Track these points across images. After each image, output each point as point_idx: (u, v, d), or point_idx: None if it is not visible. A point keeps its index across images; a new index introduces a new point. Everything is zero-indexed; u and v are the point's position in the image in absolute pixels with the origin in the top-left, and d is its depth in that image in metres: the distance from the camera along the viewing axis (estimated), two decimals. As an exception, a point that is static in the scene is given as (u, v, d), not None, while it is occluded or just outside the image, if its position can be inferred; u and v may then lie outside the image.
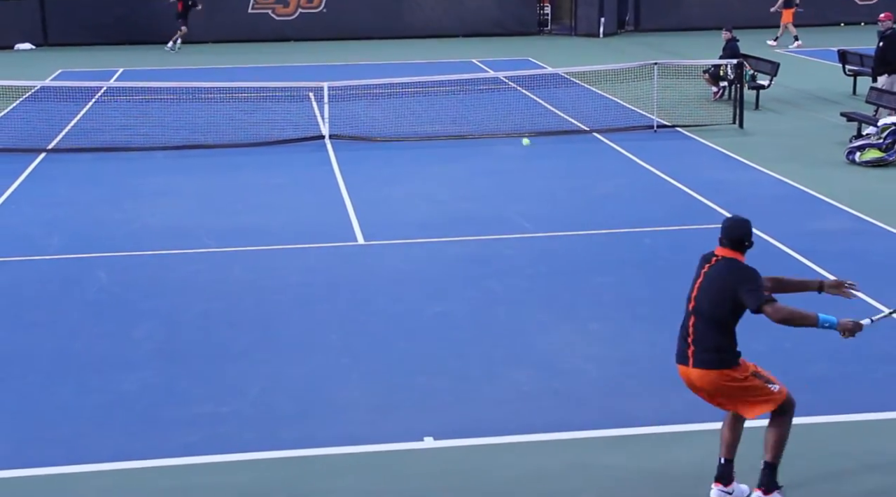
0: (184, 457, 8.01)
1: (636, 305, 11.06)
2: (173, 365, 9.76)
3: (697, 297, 7.07)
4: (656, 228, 13.75)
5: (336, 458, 7.98)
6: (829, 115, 21.09)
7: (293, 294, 11.58)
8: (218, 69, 29.09)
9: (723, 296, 6.99)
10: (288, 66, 29.54)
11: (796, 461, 7.77)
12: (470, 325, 10.58)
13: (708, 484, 7.46)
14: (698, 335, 7.03)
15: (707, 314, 7.01)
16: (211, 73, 27.75)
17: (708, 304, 7.02)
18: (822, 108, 22.06)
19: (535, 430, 8.33)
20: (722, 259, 7.18)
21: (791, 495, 7.34)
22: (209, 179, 16.90)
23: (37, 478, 7.76)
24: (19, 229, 14.22)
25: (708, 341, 7.01)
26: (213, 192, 16.07)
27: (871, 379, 9.24)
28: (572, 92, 23.75)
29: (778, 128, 20.33)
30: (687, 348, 7.07)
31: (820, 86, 24.75)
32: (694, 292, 7.12)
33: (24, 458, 8.03)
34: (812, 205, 14.87)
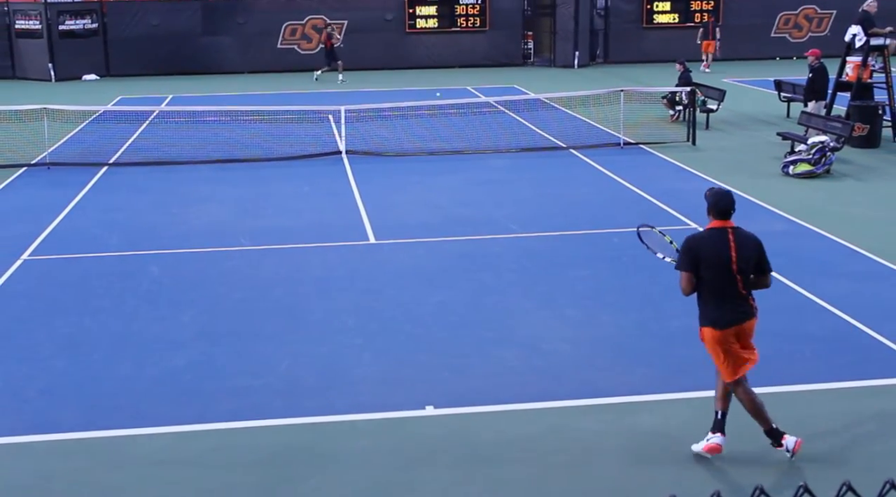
0: (224, 422, 8.03)
1: (605, 294, 11.07)
2: (214, 345, 9.76)
3: (738, 260, 7.09)
4: (623, 230, 13.74)
5: (351, 423, 7.99)
6: (767, 134, 21.08)
7: (315, 285, 11.58)
8: (252, 95, 29.06)
9: (755, 256, 7.16)
10: (310, 93, 29.51)
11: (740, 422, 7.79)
12: (465, 311, 10.58)
13: (667, 444, 7.46)
14: (749, 290, 7.14)
15: (747, 272, 7.13)
16: (246, 99, 27.72)
17: (747, 264, 7.11)
18: (762, 129, 22.05)
19: (520, 400, 8.34)
20: (737, 228, 7.27)
21: (733, 452, 7.34)
22: (244, 188, 16.88)
23: (103, 439, 7.77)
24: (86, 231, 14.22)
25: (751, 293, 7.17)
26: (248, 199, 16.06)
27: (801, 355, 9.24)
28: (552, 114, 23.73)
29: (725, 145, 20.32)
30: (747, 305, 7.14)
31: (759, 110, 24.74)
32: (734, 257, 7.09)
33: (92, 422, 8.04)
34: (753, 210, 14.86)
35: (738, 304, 7.14)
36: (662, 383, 8.65)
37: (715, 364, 7.30)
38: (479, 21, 36.52)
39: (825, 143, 17.12)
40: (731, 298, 7.13)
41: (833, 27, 36.79)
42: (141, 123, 22.88)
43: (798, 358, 9.20)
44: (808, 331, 9.85)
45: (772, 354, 9.25)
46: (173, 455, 7.50)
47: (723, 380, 7.28)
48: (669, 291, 11.07)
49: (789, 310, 10.46)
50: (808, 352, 9.34)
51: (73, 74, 33.97)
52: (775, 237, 13.25)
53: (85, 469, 7.31)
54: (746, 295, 7.15)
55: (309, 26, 35.88)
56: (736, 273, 7.08)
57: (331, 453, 7.51)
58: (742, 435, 7.59)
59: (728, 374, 7.18)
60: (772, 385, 8.55)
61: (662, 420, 7.94)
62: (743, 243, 7.14)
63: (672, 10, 37.03)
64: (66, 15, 33.68)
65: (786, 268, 11.75)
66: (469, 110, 24.10)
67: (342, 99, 24.85)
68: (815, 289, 11.00)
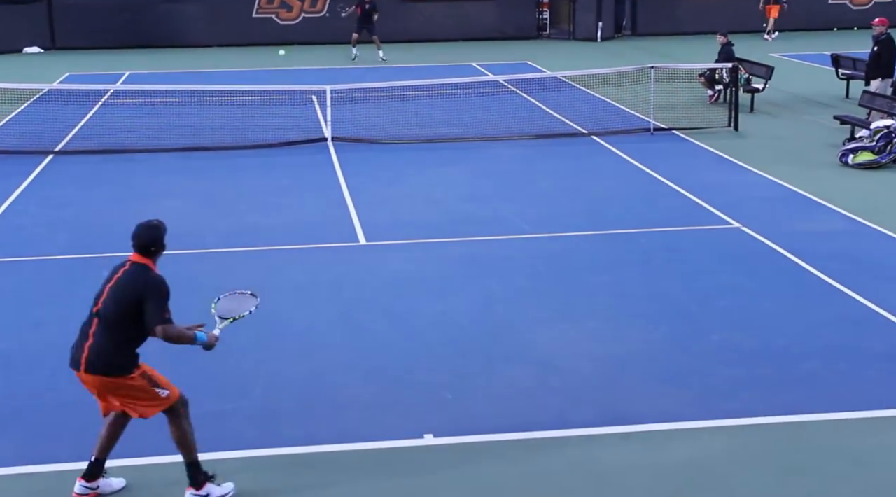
0: (188, 453, 8.00)
1: (632, 304, 11.07)
2: (177, 363, 9.73)
3: (105, 301, 7.03)
4: (652, 229, 13.76)
5: (337, 455, 7.99)
6: (822, 118, 21.10)
7: (296, 294, 11.58)
8: (222, 72, 29.09)
9: (127, 303, 6.98)
10: (291, 70, 29.54)
11: (789, 456, 7.78)
12: (469, 324, 10.59)
13: (703, 481, 7.47)
14: (97, 338, 6.99)
15: (111, 319, 6.99)
16: (215, 76, 27.74)
17: (114, 308, 6.99)
18: (816, 111, 22.07)
19: (533, 428, 8.33)
20: (133, 265, 7.18)
21: (782, 491, 7.35)
22: (213, 181, 16.90)
23: (43, 474, 7.76)
24: (27, 229, 14.22)
25: (107, 345, 6.99)
26: (217, 194, 16.07)
27: (862, 376, 9.23)
28: (570, 95, 23.76)
29: (772, 130, 20.34)
30: (82, 352, 7.01)
31: (813, 89, 24.76)
32: (103, 296, 7.07)
33: (30, 456, 8.02)
34: (806, 206, 14.87)
35: (79, 343, 7.11)
36: (699, 408, 8.65)
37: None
38: (486, -14, 36.56)
39: (891, 128, 17.13)
40: (81, 333, 7.15)
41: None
42: (92, 105, 22.90)
43: (859, 379, 9.18)
44: (871, 347, 9.84)
45: (828, 374, 9.27)
46: (128, 494, 7.48)
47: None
48: (707, 301, 11.10)
49: (849, 322, 10.46)
50: (872, 372, 9.32)
51: (13, 47, 34.02)
52: (831, 237, 13.30)
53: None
54: (87, 347, 7.02)
55: (289, -8, 35.93)
56: (94, 314, 7.08)
57: (313, 489, 7.50)
58: (789, 469, 7.58)
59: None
60: (828, 411, 8.54)
61: (699, 451, 7.93)
62: (118, 288, 7.07)
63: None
64: (5, -22, 33.74)
65: (845, 274, 11.76)
66: (474, 90, 24.11)
67: (328, 77, 24.88)
68: (879, 298, 10.99)
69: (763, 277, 11.86)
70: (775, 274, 11.98)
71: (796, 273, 11.96)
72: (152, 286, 7.06)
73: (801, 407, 8.62)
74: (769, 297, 11.22)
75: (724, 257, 12.59)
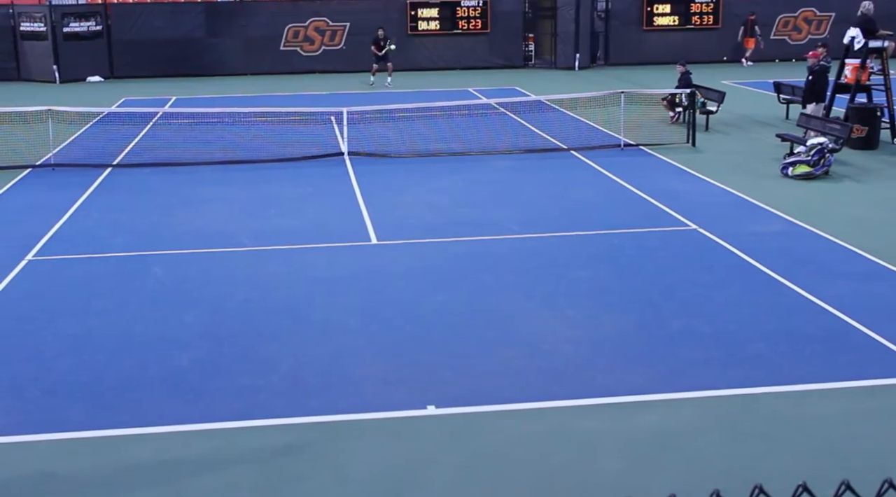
0: (227, 421, 8.01)
1: (606, 295, 11.06)
2: (218, 345, 9.76)
3: None
4: (623, 231, 13.75)
5: (353, 423, 7.98)
6: (766, 136, 21.08)
7: (317, 285, 11.57)
8: (254, 97, 29.06)
9: None
10: (313, 95, 29.52)
11: (740, 423, 7.78)
12: (466, 312, 10.58)
13: (668, 444, 7.47)
14: None
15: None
16: (248, 100, 27.72)
17: None
18: (761, 130, 22.05)
19: (522, 400, 8.33)
20: None
21: (734, 453, 7.35)
22: (247, 189, 16.88)
23: (106, 438, 7.77)
24: (90, 231, 14.22)
25: None
26: (250, 200, 16.06)
27: (799, 355, 9.23)
28: (552, 116, 23.73)
29: (724, 146, 20.32)
30: None
31: (759, 111, 24.74)
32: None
33: (95, 421, 8.03)
34: (752, 211, 14.87)
35: None
36: (663, 383, 8.65)
37: None
38: (480, 23, 36.52)
39: (824, 145, 17.12)
40: None
41: (832, 30, 36.79)
42: (145, 125, 22.89)
43: (797, 358, 9.18)
44: (806, 331, 9.83)
45: (771, 354, 9.26)
46: (177, 454, 7.49)
47: None
48: (669, 292, 11.09)
49: (788, 310, 10.45)
50: (808, 352, 9.32)
51: (78, 76, 34.00)
52: (774, 237, 13.28)
53: (88, 468, 7.31)
54: None
55: (311, 28, 35.89)
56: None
57: (333, 453, 7.50)
58: (740, 434, 7.59)
59: None
60: (771, 385, 8.55)
61: (664, 419, 7.93)
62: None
63: (672, 12, 37.04)
64: (71, 17, 33.71)
65: (784, 268, 11.76)
66: (471, 111, 24.10)
67: (344, 100, 24.85)
68: (813, 289, 10.99)
69: (716, 272, 11.85)
70: (726, 269, 11.98)
71: (744, 268, 11.96)
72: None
73: (750, 382, 8.62)
74: (721, 288, 11.21)
75: (683, 254, 12.59)
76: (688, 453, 7.38)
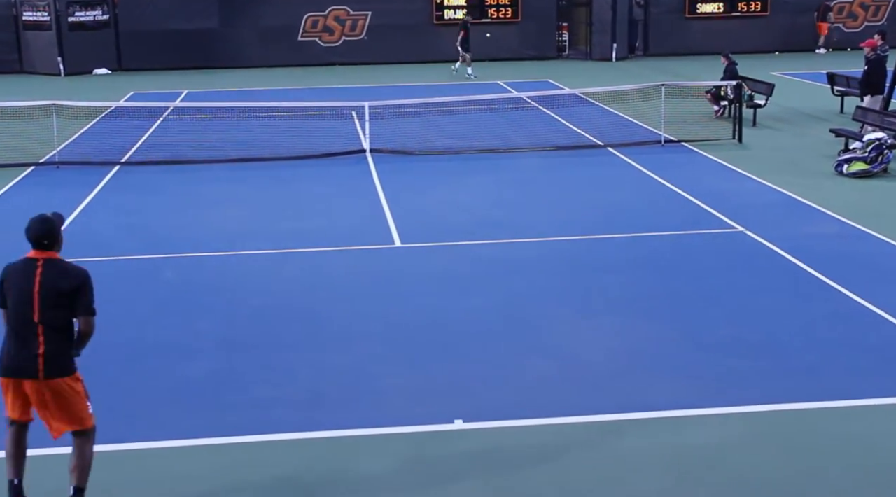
0: (242, 436, 8.04)
1: (645, 302, 11.01)
2: (232, 353, 9.80)
3: (42, 307, 6.40)
4: (664, 233, 13.69)
5: (375, 438, 7.99)
6: (819, 131, 20.93)
7: (337, 291, 11.60)
8: (271, 91, 29.19)
9: (56, 298, 6.42)
10: (333, 88, 29.61)
11: (791, 439, 7.72)
12: (496, 319, 10.57)
13: (713, 463, 7.42)
14: (49, 345, 6.41)
15: (58, 322, 6.45)
16: (264, 94, 27.85)
17: (54, 309, 6.42)
18: (813, 125, 21.90)
19: (555, 414, 8.30)
20: (47, 262, 6.56)
21: (785, 470, 7.29)
22: (263, 189, 16.96)
23: (114, 453, 7.80)
24: (97, 233, 14.32)
25: (60, 347, 6.45)
26: (267, 200, 16.13)
27: (855, 367, 9.14)
28: (588, 110, 23.67)
29: (773, 142, 20.20)
30: (37, 359, 6.38)
31: (811, 105, 24.56)
32: (35, 303, 6.41)
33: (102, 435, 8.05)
34: (804, 211, 14.76)
35: (23, 351, 6.42)
36: (708, 396, 8.59)
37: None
38: (510, 12, 36.53)
39: (882, 140, 16.98)
40: (20, 342, 6.43)
41: (890, 16, 36.53)
42: (155, 120, 23.03)
43: (852, 370, 9.09)
44: (863, 341, 9.74)
45: (824, 366, 9.19)
46: (188, 470, 7.53)
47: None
48: (714, 299, 11.03)
49: (843, 318, 10.37)
50: (864, 363, 9.22)
51: (84, 68, 34.30)
52: (826, 240, 13.19)
53: (94, 484, 7.35)
54: (41, 353, 6.39)
55: (331, 18, 36.03)
56: (37, 322, 6.40)
57: (353, 470, 7.51)
58: (791, 451, 7.53)
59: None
60: (825, 399, 8.48)
61: (709, 436, 7.88)
62: (50, 276, 6.46)
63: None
64: (76, 6, 34.02)
65: (838, 273, 11.66)
66: (500, 106, 24.09)
67: (366, 94, 24.91)
68: (870, 296, 10.89)
69: (764, 277, 11.77)
70: (776, 273, 11.90)
71: (795, 272, 11.87)
72: (75, 278, 6.54)
73: (801, 395, 8.55)
74: (770, 294, 11.13)
75: (728, 258, 12.51)
76: (735, 471, 7.33)
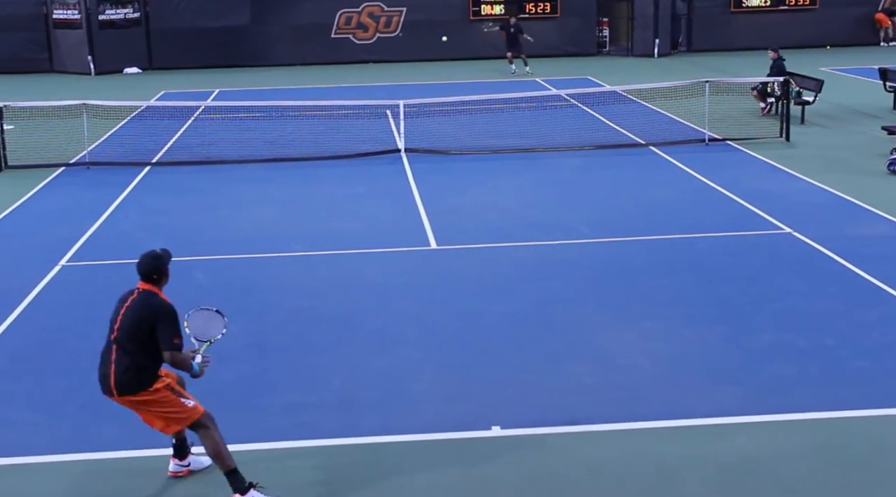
0: (275, 441, 8.10)
1: (687, 305, 10.96)
2: (265, 357, 9.87)
3: (120, 328, 7.12)
4: (707, 234, 13.62)
5: (410, 444, 8.01)
6: (870, 128, 20.74)
7: (372, 293, 11.64)
8: (303, 89, 29.34)
9: (141, 326, 7.05)
10: (367, 86, 29.72)
11: (840, 450, 7.66)
12: (534, 323, 10.56)
13: (758, 472, 7.38)
14: (119, 363, 7.06)
15: (129, 344, 7.06)
16: (297, 93, 28.00)
17: (129, 333, 7.07)
18: (864, 122, 21.69)
19: (595, 421, 8.29)
20: (141, 292, 7.23)
21: (833, 483, 7.23)
22: (295, 189, 17.05)
23: (144, 458, 7.89)
24: (127, 234, 14.47)
25: (130, 366, 7.05)
26: (300, 201, 16.22)
27: (910, 375, 9.07)
28: (629, 108, 23.59)
29: (822, 141, 20.03)
30: (109, 379, 7.09)
31: (862, 101, 24.33)
32: (117, 323, 7.14)
33: (133, 441, 8.17)
34: (854, 212, 14.63)
35: (103, 368, 7.19)
36: (753, 404, 8.54)
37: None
38: (549, 7, 36.49)
39: (936, 139, 16.79)
40: (103, 358, 7.21)
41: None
42: (186, 120, 23.25)
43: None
44: (916, 347, 9.65)
45: (875, 372, 9.10)
46: (219, 476, 7.58)
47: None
48: (759, 302, 10.96)
49: (895, 323, 10.26)
50: (917, 370, 9.14)
51: (114, 67, 34.67)
52: (877, 241, 13.06)
53: (125, 491, 7.44)
54: (112, 371, 7.11)
55: (365, 14, 36.16)
56: (112, 341, 7.16)
57: (388, 476, 7.53)
58: (840, 462, 7.46)
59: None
60: (876, 407, 8.41)
61: (753, 444, 7.83)
62: (129, 314, 7.14)
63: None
64: (107, 4, 34.41)
65: (890, 276, 11.55)
66: (538, 104, 24.07)
67: (401, 92, 24.97)
68: (924, 300, 10.78)
69: (813, 280, 11.68)
70: (825, 276, 11.80)
71: (845, 275, 11.77)
72: (162, 311, 7.10)
73: (851, 403, 8.48)
74: (818, 298, 11.05)
75: (775, 261, 12.43)
76: (780, 483, 7.28)
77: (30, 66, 34.80)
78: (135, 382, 7.06)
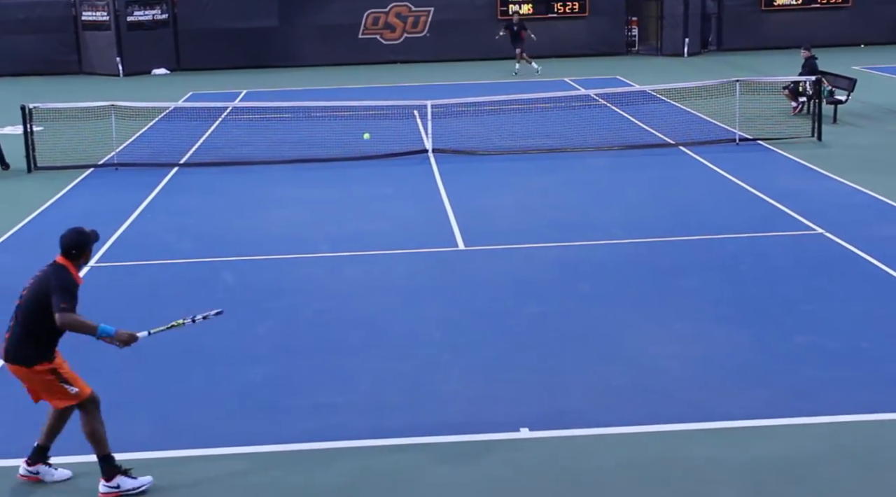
0: (303, 443, 8.12)
1: (718, 307, 10.91)
2: (292, 359, 9.91)
3: (23, 295, 7.29)
4: (739, 235, 13.56)
5: (438, 446, 8.02)
6: (904, 128, 20.59)
7: (400, 295, 11.66)
8: (331, 90, 29.43)
9: (38, 296, 7.18)
10: (394, 86, 29.77)
11: (873, 453, 7.60)
12: (562, 325, 10.55)
13: (790, 475, 7.34)
14: (15, 330, 7.23)
15: (24, 311, 7.22)
16: (325, 94, 28.07)
17: (27, 301, 7.23)
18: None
19: (624, 423, 8.27)
20: (53, 264, 7.38)
21: (867, 488, 7.18)
22: (323, 190, 17.11)
23: (172, 459, 7.94)
24: (156, 235, 14.57)
25: (20, 335, 7.21)
26: (327, 202, 16.27)
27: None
28: (658, 108, 23.51)
29: (855, 140, 19.88)
30: (4, 343, 7.29)
31: (895, 100, 24.12)
32: (24, 291, 7.31)
33: (162, 441, 8.23)
34: (888, 212, 14.51)
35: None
36: (785, 406, 8.49)
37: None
38: (578, 6, 36.42)
39: (971, 138, 16.63)
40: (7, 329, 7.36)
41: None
42: (213, 121, 23.37)
43: (940, 380, 8.93)
44: (951, 349, 9.56)
45: (910, 375, 9.02)
46: (248, 478, 7.62)
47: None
48: (791, 304, 10.89)
49: (930, 326, 10.18)
50: (953, 373, 9.05)
51: (142, 68, 34.90)
52: (914, 244, 12.93)
53: (153, 492, 7.48)
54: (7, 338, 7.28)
55: (393, 14, 36.22)
56: (16, 308, 7.32)
57: (416, 478, 7.55)
58: (874, 466, 7.40)
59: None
60: (910, 410, 8.35)
61: (786, 448, 7.79)
62: (34, 282, 7.32)
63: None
64: (135, 5, 34.65)
65: (926, 278, 11.46)
66: (567, 104, 24.03)
67: (428, 93, 24.99)
68: (959, 302, 10.68)
69: (845, 281, 11.60)
70: (857, 278, 11.71)
71: (878, 277, 11.67)
72: (57, 280, 7.19)
73: (886, 406, 8.41)
74: (851, 300, 10.97)
75: (807, 262, 12.35)
76: (814, 487, 7.24)
77: (59, 68, 35.11)
78: (21, 353, 7.20)
